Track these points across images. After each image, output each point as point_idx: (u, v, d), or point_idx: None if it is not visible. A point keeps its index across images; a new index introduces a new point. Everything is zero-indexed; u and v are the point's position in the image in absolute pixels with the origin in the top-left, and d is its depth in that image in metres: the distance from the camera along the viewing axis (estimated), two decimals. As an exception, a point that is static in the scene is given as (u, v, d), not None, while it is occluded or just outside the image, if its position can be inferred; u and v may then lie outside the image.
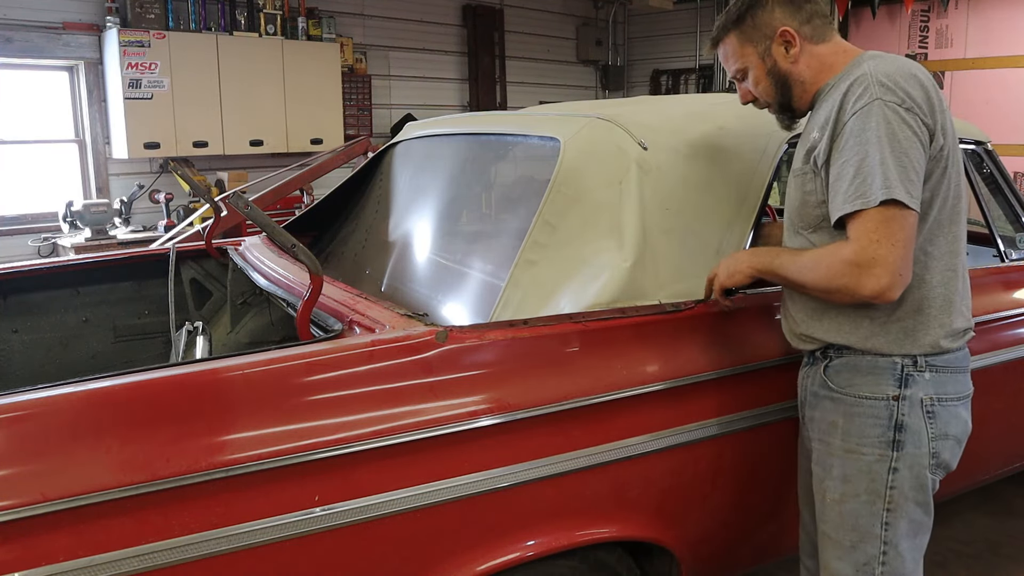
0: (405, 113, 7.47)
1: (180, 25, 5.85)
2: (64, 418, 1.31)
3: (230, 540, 1.35)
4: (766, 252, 1.77)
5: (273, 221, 1.56)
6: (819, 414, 1.74)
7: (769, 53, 1.71)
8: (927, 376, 1.63)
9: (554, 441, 1.65)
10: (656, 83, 9.47)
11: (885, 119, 1.51)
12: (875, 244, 1.49)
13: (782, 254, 1.71)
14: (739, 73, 1.77)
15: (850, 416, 1.66)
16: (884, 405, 1.63)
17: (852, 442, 1.66)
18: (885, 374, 1.63)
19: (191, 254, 2.93)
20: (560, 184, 1.86)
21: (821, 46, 1.70)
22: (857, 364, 1.66)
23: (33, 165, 5.83)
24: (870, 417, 1.64)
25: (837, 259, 1.54)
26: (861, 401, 1.65)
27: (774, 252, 1.74)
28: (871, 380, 1.65)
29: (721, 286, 1.79)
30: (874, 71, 1.57)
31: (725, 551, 2.05)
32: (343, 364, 1.52)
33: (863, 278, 1.51)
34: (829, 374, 1.71)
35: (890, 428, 1.62)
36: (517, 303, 1.76)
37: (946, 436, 1.65)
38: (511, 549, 1.63)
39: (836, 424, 1.69)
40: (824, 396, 1.72)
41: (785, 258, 1.69)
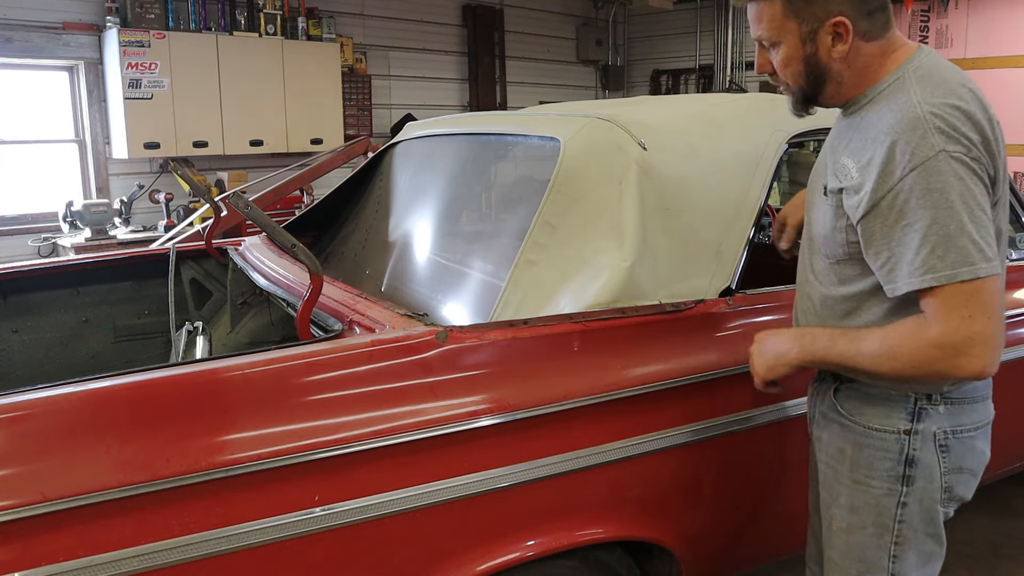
0: (405, 113, 7.47)
1: (180, 25, 5.85)
2: (64, 418, 1.31)
3: (230, 540, 1.35)
4: (815, 337, 1.54)
5: (273, 221, 1.56)
6: (827, 437, 1.65)
7: (813, 39, 1.45)
8: (941, 409, 1.51)
9: (554, 441, 1.65)
10: (656, 83, 9.46)
11: (954, 174, 1.32)
12: (968, 321, 1.31)
13: (838, 339, 1.49)
14: (767, 41, 1.51)
15: (859, 446, 1.56)
16: (895, 439, 1.52)
17: (860, 473, 1.56)
18: (897, 407, 1.52)
19: (191, 254, 2.93)
20: (560, 184, 1.86)
21: (871, 44, 1.45)
22: (868, 392, 1.55)
23: (33, 165, 5.83)
24: (879, 450, 1.53)
25: (923, 343, 1.35)
26: (871, 432, 1.55)
27: (826, 336, 1.52)
28: (882, 411, 1.54)
29: (762, 382, 1.63)
30: (926, 108, 1.35)
31: (725, 551, 2.05)
32: (343, 364, 1.52)
33: (960, 360, 1.33)
34: (839, 398, 1.60)
35: (900, 463, 1.52)
36: (517, 303, 1.76)
37: (960, 470, 1.54)
38: (511, 549, 1.63)
39: (844, 452, 1.59)
40: (833, 420, 1.62)
41: (844, 345, 1.47)
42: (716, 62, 8.89)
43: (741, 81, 8.71)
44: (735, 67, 8.74)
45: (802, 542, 2.22)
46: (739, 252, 1.97)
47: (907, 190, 1.33)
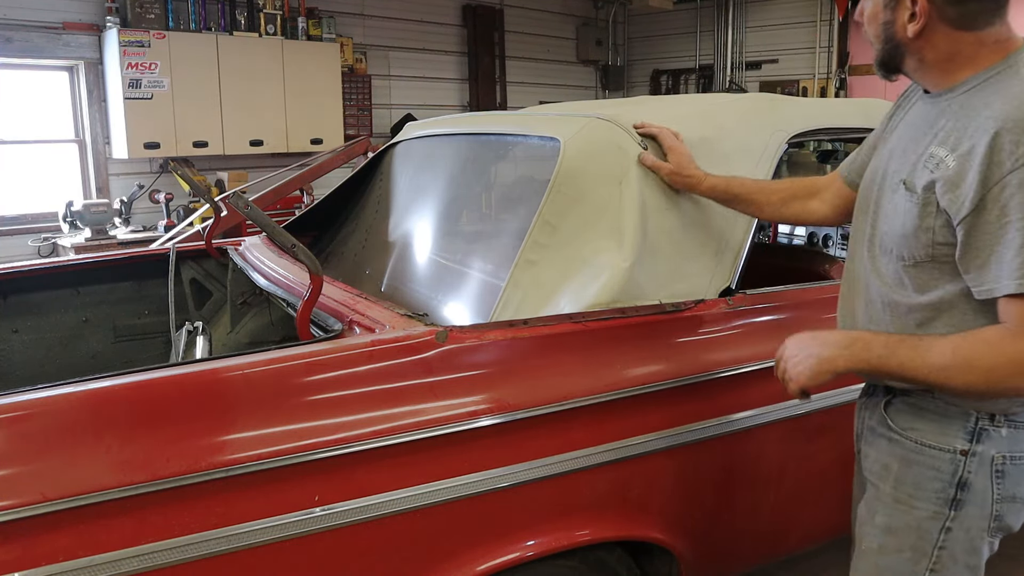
0: (405, 113, 7.47)
1: (180, 25, 5.86)
2: (64, 418, 1.31)
3: (230, 540, 1.35)
4: (869, 344, 1.38)
5: (273, 221, 1.56)
6: (874, 453, 1.53)
7: (894, 7, 1.36)
8: (1004, 432, 1.38)
9: (554, 441, 1.65)
10: (656, 83, 9.47)
11: None
12: None
13: (897, 347, 1.35)
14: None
15: (907, 463, 1.44)
16: (949, 458, 1.39)
17: (904, 492, 1.44)
18: (955, 424, 1.40)
19: (191, 254, 2.93)
20: (560, 184, 1.86)
21: (966, 33, 1.33)
22: (924, 406, 1.43)
23: (33, 165, 5.83)
24: (930, 468, 1.41)
25: (1004, 357, 1.25)
26: (923, 449, 1.42)
27: (881, 344, 1.37)
28: (937, 427, 1.41)
29: (801, 388, 1.45)
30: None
31: (725, 551, 2.05)
32: (343, 364, 1.51)
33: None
34: (891, 412, 1.48)
35: (952, 485, 1.40)
36: (517, 303, 1.76)
37: (1013, 498, 1.41)
38: (511, 549, 1.63)
39: (889, 468, 1.47)
40: (881, 434, 1.50)
41: (906, 354, 1.33)
42: (716, 62, 8.89)
43: (741, 81, 8.71)
44: (735, 67, 8.74)
45: (802, 542, 2.23)
46: (739, 252, 1.97)
47: (1015, 185, 1.22)
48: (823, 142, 3.51)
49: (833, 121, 2.27)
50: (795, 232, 4.17)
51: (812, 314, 2.10)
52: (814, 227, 4.02)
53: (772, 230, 4.09)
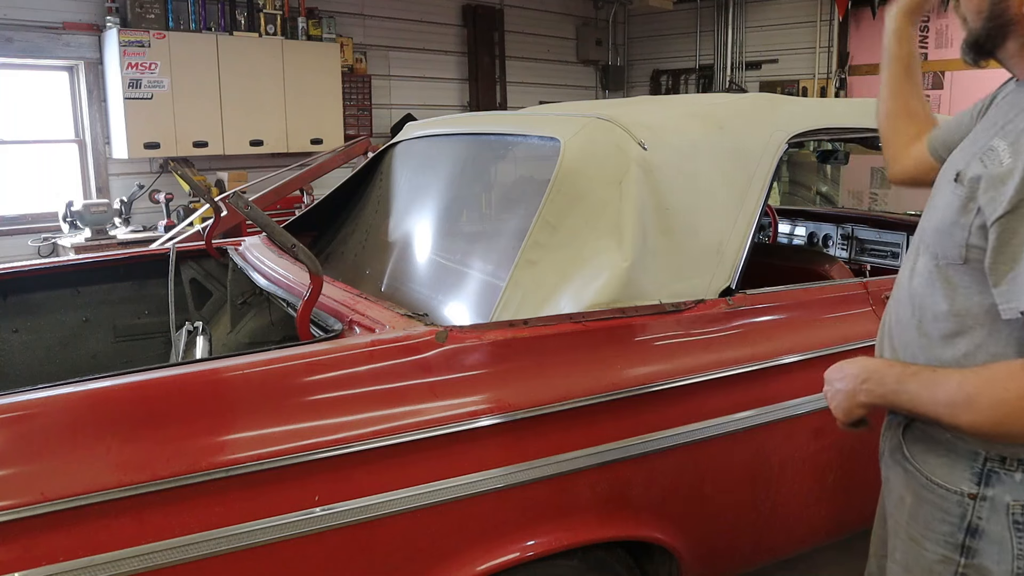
0: (405, 113, 7.47)
1: (180, 25, 5.86)
2: (64, 418, 1.31)
3: (230, 540, 1.35)
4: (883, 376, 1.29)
5: (273, 221, 1.56)
6: (893, 479, 1.42)
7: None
8: (1018, 477, 1.21)
9: (554, 441, 1.65)
10: (656, 83, 9.47)
11: None
12: None
13: (908, 381, 1.25)
14: None
15: (919, 499, 1.33)
16: (957, 500, 1.26)
17: (916, 530, 1.33)
18: (961, 463, 1.26)
19: (191, 254, 2.93)
20: (560, 184, 1.86)
21: None
22: (936, 438, 1.30)
23: (33, 165, 5.83)
24: (938, 509, 1.29)
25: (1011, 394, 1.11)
26: (932, 486, 1.30)
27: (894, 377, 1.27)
28: (945, 463, 1.29)
29: (840, 424, 1.38)
30: None
31: (725, 551, 2.05)
32: (343, 364, 1.51)
33: None
34: (907, 438, 1.37)
35: (960, 529, 1.26)
36: (517, 303, 1.76)
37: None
38: (511, 549, 1.63)
39: (904, 501, 1.37)
40: (898, 461, 1.39)
41: (915, 388, 1.23)
42: (716, 62, 8.89)
43: (741, 81, 8.71)
44: (735, 67, 8.74)
45: (802, 542, 2.23)
46: (739, 252, 1.97)
47: None
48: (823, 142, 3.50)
49: (833, 121, 2.27)
50: (795, 232, 4.16)
51: (812, 314, 2.10)
52: (814, 227, 4.01)
53: (772, 230, 4.09)
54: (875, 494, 1.56)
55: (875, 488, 1.56)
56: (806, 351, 2.00)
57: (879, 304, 2.19)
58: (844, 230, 3.84)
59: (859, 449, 2.07)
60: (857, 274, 2.64)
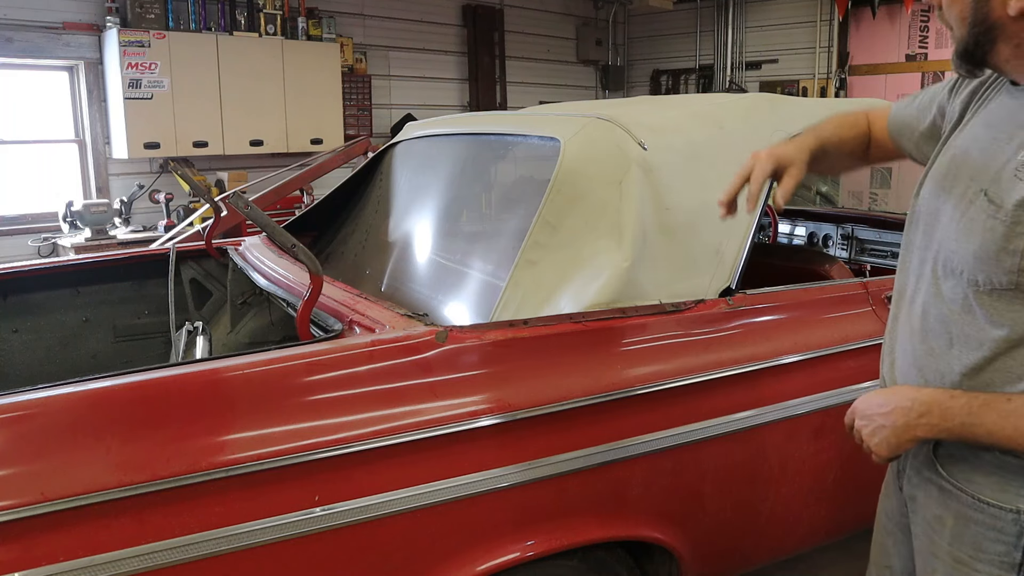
0: (405, 113, 7.47)
1: (180, 25, 5.86)
2: (64, 418, 1.31)
3: (230, 540, 1.35)
4: (947, 410, 1.21)
5: (273, 221, 1.56)
6: (923, 498, 1.34)
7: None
8: None
9: (554, 441, 1.65)
10: (656, 83, 9.47)
11: None
12: None
13: (982, 413, 1.17)
14: None
15: (964, 520, 1.25)
16: (1012, 519, 1.20)
17: (963, 552, 1.26)
18: (1016, 479, 1.20)
19: (191, 254, 2.93)
20: (560, 184, 1.86)
21: None
22: (980, 456, 1.23)
23: (33, 165, 5.83)
24: (991, 529, 1.22)
25: None
26: (981, 506, 1.23)
27: (962, 408, 1.19)
28: (996, 481, 1.22)
29: (881, 460, 1.31)
30: None
31: (725, 551, 2.05)
32: (343, 364, 1.51)
33: None
34: (941, 456, 1.29)
35: (1017, 548, 1.20)
36: (517, 303, 1.76)
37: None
38: (511, 549, 1.63)
39: (944, 522, 1.29)
40: (931, 480, 1.31)
41: (994, 420, 1.16)
42: (716, 62, 8.89)
43: (741, 81, 8.71)
44: (735, 67, 8.74)
45: (802, 542, 2.23)
46: (739, 252, 1.97)
47: None
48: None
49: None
50: (795, 232, 4.16)
51: (812, 314, 2.10)
52: (814, 227, 4.01)
53: (772, 230, 4.09)
54: (875, 495, 1.56)
55: (875, 489, 1.56)
56: (806, 351, 2.01)
57: (879, 304, 2.19)
58: (844, 230, 3.84)
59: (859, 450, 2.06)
60: (857, 274, 2.64)
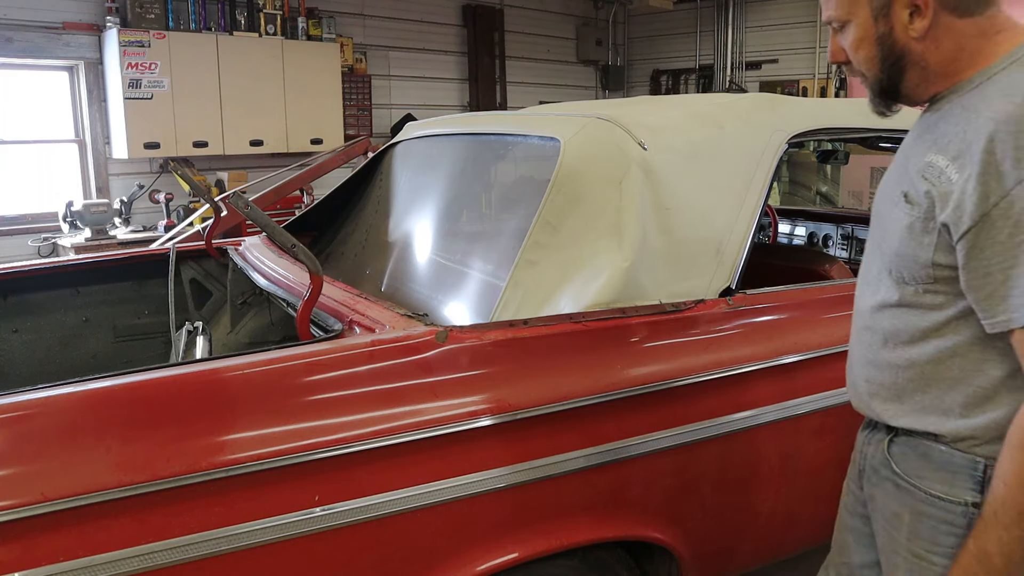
0: (405, 113, 7.47)
1: (180, 25, 5.86)
2: (64, 418, 1.31)
3: (230, 540, 1.35)
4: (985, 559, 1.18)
5: (273, 221, 1.56)
6: (881, 496, 1.39)
7: (887, 15, 1.22)
8: None
9: (554, 441, 1.65)
10: (656, 83, 9.47)
11: None
12: None
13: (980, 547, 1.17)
14: (836, 23, 1.30)
15: (918, 515, 1.30)
16: (962, 512, 1.24)
17: (920, 546, 1.30)
18: (961, 473, 1.25)
19: (191, 254, 2.93)
20: (560, 184, 1.86)
21: (966, 20, 1.20)
22: (928, 452, 1.29)
23: (33, 165, 5.83)
24: (943, 522, 1.27)
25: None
26: (933, 500, 1.28)
27: (970, 561, 1.19)
28: (944, 477, 1.27)
29: None
30: None
31: (725, 551, 2.05)
32: (343, 364, 1.51)
33: None
34: (894, 454, 1.35)
35: None
36: (517, 303, 1.76)
37: None
38: (511, 549, 1.63)
39: (902, 518, 1.34)
40: (887, 478, 1.37)
41: (988, 538, 1.16)
42: (716, 62, 8.89)
43: (741, 81, 8.71)
44: (735, 67, 8.74)
45: (802, 542, 2.22)
46: (739, 252, 1.97)
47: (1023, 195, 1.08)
48: (823, 142, 3.51)
49: (833, 121, 2.27)
50: (795, 232, 4.17)
51: (812, 314, 2.10)
52: (814, 227, 4.02)
53: (772, 230, 4.09)
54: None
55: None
56: (806, 351, 2.00)
57: (879, 304, 2.19)
58: (844, 230, 3.84)
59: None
60: (857, 274, 2.64)
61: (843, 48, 1.32)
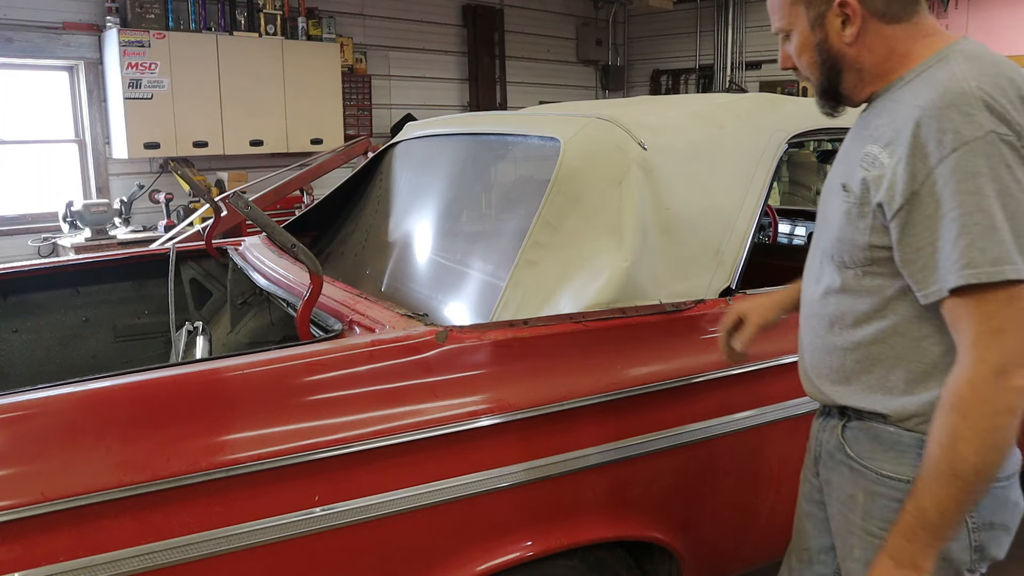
0: (405, 113, 7.47)
1: (180, 25, 5.86)
2: (64, 418, 1.31)
3: (230, 540, 1.35)
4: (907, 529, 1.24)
5: (273, 221, 1.56)
6: (836, 480, 1.46)
7: (821, 23, 1.33)
8: None
9: (554, 441, 1.65)
10: (656, 83, 9.47)
11: (1003, 161, 1.14)
12: (1000, 337, 1.14)
13: (918, 497, 1.23)
14: (781, 32, 1.42)
15: (871, 495, 1.37)
16: (909, 488, 1.29)
17: (873, 525, 1.37)
18: (909, 452, 1.32)
19: (191, 254, 2.93)
20: (560, 184, 1.86)
21: (895, 27, 1.30)
22: (878, 434, 1.36)
23: (33, 165, 5.83)
24: (895, 500, 1.32)
25: (976, 393, 1.16)
26: (884, 480, 1.35)
27: (910, 514, 1.24)
28: (894, 456, 1.34)
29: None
30: (973, 82, 1.18)
31: (725, 551, 2.05)
32: (343, 364, 1.52)
33: (1008, 387, 1.14)
34: (847, 438, 1.42)
35: None
36: (517, 303, 1.76)
37: (991, 526, 1.32)
38: (511, 549, 1.63)
39: (856, 499, 1.40)
40: (841, 462, 1.43)
41: (929, 496, 1.21)
42: (716, 62, 8.89)
43: (741, 81, 8.71)
44: (735, 67, 8.74)
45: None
46: (739, 252, 1.97)
47: (947, 174, 1.15)
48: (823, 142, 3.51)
49: (833, 121, 2.26)
50: (795, 232, 4.17)
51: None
52: (814, 227, 4.02)
53: (772, 230, 4.09)
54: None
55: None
56: (806, 351, 2.00)
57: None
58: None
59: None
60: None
61: (790, 55, 1.43)
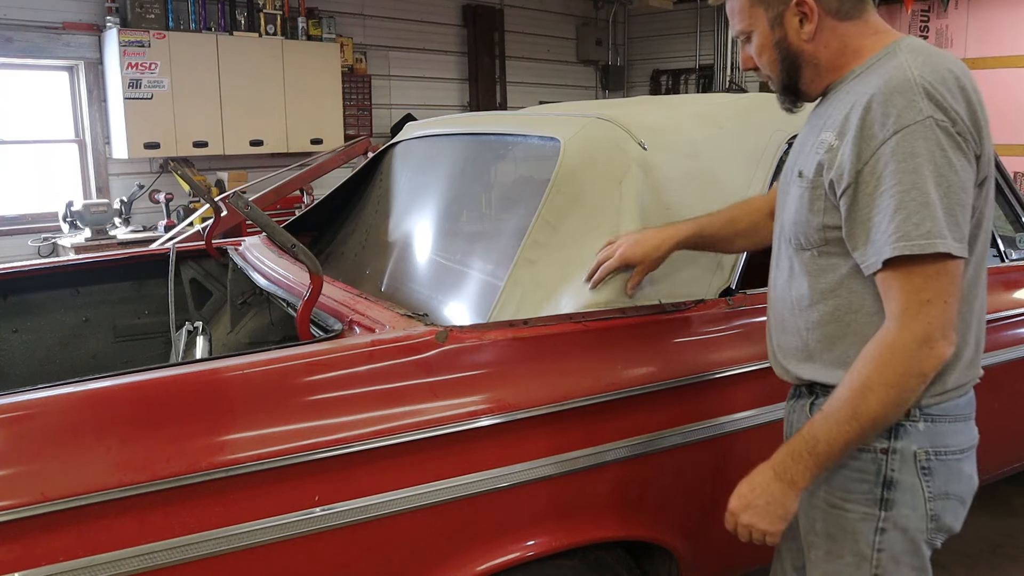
0: (405, 113, 7.47)
1: (180, 25, 5.86)
2: (64, 418, 1.31)
3: (230, 540, 1.35)
4: (792, 451, 1.38)
5: (273, 221, 1.56)
6: None
7: (780, 23, 1.42)
8: (921, 427, 1.37)
9: (554, 441, 1.65)
10: (656, 83, 9.47)
11: (938, 144, 1.24)
12: (927, 307, 1.24)
13: (814, 429, 1.35)
14: (743, 35, 1.50)
15: (834, 468, 1.42)
16: (871, 458, 1.39)
17: (836, 496, 1.44)
18: None
19: (191, 254, 2.93)
20: (560, 184, 1.86)
21: (847, 24, 1.40)
22: None
23: (33, 165, 5.83)
24: (855, 471, 1.41)
25: (895, 355, 1.27)
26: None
27: (802, 440, 1.37)
28: None
29: (775, 538, 1.44)
30: (916, 72, 1.28)
31: (725, 551, 2.05)
32: (343, 364, 1.52)
33: (928, 355, 1.26)
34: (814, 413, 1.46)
35: (877, 484, 1.39)
36: (516, 302, 1.76)
37: (947, 496, 1.40)
38: (511, 549, 1.63)
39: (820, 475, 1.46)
40: None
41: (824, 428, 1.33)
42: (716, 62, 8.89)
43: (741, 81, 8.71)
44: (735, 67, 8.74)
45: (802, 542, 2.22)
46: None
47: (888, 154, 1.25)
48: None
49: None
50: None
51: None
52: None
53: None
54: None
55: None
56: (806, 351, 2.00)
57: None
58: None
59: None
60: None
61: (751, 56, 1.52)
